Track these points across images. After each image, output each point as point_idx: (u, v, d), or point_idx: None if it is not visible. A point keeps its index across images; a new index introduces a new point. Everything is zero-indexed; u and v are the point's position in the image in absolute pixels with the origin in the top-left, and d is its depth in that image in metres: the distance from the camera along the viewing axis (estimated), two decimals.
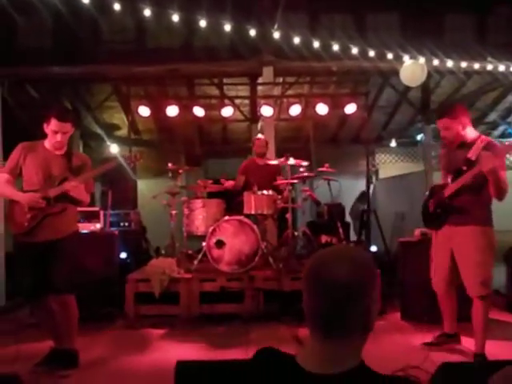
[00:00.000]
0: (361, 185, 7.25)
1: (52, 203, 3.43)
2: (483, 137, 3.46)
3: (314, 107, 6.43)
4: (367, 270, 1.19)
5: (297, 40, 5.50)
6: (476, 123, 10.14)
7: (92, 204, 5.64)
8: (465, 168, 3.34)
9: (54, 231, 3.47)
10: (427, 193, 3.76)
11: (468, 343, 3.67)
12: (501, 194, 3.24)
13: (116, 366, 3.68)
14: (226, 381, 1.71)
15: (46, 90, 7.78)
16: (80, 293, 3.67)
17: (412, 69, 5.83)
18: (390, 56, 5.87)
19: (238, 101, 8.11)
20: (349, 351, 1.17)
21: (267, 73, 6.42)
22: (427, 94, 8.71)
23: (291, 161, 5.21)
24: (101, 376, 3.49)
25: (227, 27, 5.27)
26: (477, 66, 6.18)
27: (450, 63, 6.11)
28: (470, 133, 3.48)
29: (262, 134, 6.46)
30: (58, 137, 3.46)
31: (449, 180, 3.49)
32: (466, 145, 3.45)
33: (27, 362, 3.50)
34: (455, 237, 3.43)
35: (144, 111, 6.47)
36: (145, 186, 7.66)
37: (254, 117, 8.09)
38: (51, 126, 3.44)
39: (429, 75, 6.57)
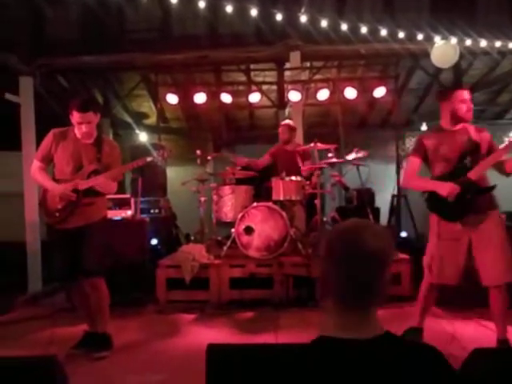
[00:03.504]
0: (391, 169, 7.12)
1: (81, 196, 3.51)
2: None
3: (342, 91, 6.35)
4: (389, 241, 1.22)
5: (324, 23, 5.41)
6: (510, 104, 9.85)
7: (123, 191, 5.73)
8: (473, 149, 3.28)
9: (84, 218, 3.56)
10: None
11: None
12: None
13: (148, 350, 3.76)
14: (256, 364, 1.74)
15: (76, 79, 7.90)
16: (112, 278, 3.76)
17: (443, 50, 5.66)
18: (420, 37, 5.71)
19: (265, 87, 8.06)
20: (372, 319, 1.21)
21: (294, 57, 6.34)
22: (459, 76, 8.46)
23: (318, 146, 5.17)
24: (133, 359, 3.57)
25: (253, 12, 5.22)
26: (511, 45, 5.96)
27: (483, 43, 5.90)
28: None
29: (290, 119, 6.42)
30: (83, 127, 3.51)
31: (446, 166, 3.36)
32: (457, 129, 3.40)
33: (62, 345, 3.62)
34: (479, 225, 3.26)
35: (172, 99, 6.51)
36: (174, 174, 7.72)
37: (282, 102, 8.04)
38: (74, 117, 3.49)
39: (461, 56, 6.39)
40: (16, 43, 6.10)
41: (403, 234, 5.77)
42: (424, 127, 10.03)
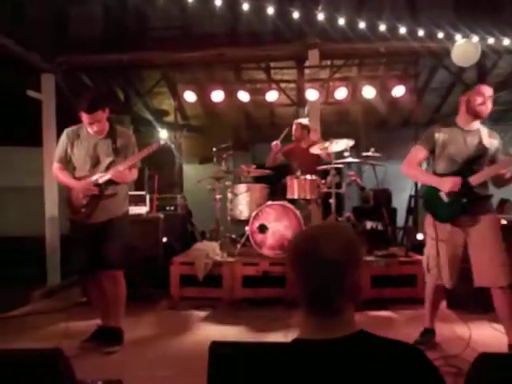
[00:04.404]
0: None
1: (103, 188, 3.59)
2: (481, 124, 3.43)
3: (361, 90, 6.28)
4: (353, 247, 1.23)
5: (342, 21, 5.36)
6: None
7: (139, 188, 5.79)
8: (481, 154, 3.28)
9: (108, 213, 3.63)
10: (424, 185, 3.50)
11: None
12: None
13: (158, 346, 3.81)
14: (260, 362, 1.74)
15: (98, 77, 8.01)
16: (126, 274, 3.80)
17: (464, 48, 5.54)
18: (440, 35, 5.60)
19: (285, 85, 8.04)
20: (342, 320, 1.22)
21: (313, 56, 6.29)
22: (483, 75, 8.29)
23: (334, 144, 5.13)
24: (143, 354, 3.61)
25: (270, 10, 5.21)
26: None
27: (506, 41, 5.77)
28: None
29: (308, 117, 6.38)
30: (95, 127, 3.55)
31: (450, 166, 3.33)
32: (471, 130, 3.37)
33: (76, 338, 3.69)
34: (476, 226, 3.25)
35: (190, 96, 6.53)
36: (191, 171, 7.78)
37: (301, 101, 8.00)
38: (84, 119, 3.53)
39: (484, 55, 6.25)
40: (39, 41, 6.21)
41: (420, 237, 5.66)
42: None
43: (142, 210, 5.37)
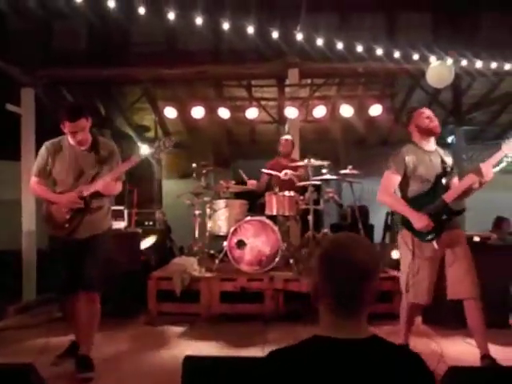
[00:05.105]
0: None
1: (88, 201, 3.46)
2: None
3: (340, 109, 6.40)
4: (376, 256, 1.37)
5: (320, 41, 5.49)
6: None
7: (119, 202, 5.76)
8: (447, 172, 3.43)
9: (92, 228, 3.52)
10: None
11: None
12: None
13: (134, 361, 3.78)
14: (233, 376, 1.77)
15: (79, 91, 8.01)
16: (105, 289, 3.72)
17: (439, 70, 5.72)
18: (415, 57, 5.78)
19: (265, 102, 8.14)
20: (361, 324, 1.33)
21: (293, 74, 6.42)
22: (459, 96, 8.53)
23: (312, 162, 5.21)
24: (118, 369, 3.58)
25: (250, 29, 5.30)
26: (508, 66, 6.01)
27: (479, 64, 5.96)
28: None
29: (289, 135, 6.47)
30: (78, 136, 3.44)
31: (422, 186, 3.44)
32: (431, 150, 3.52)
33: (52, 354, 3.64)
34: (450, 242, 3.37)
35: (171, 112, 6.58)
36: (171, 186, 7.78)
37: (282, 118, 8.11)
38: (67, 128, 3.43)
39: (459, 76, 6.44)
40: (20, 55, 6.21)
41: (395, 256, 5.71)
42: None
43: (121, 224, 5.35)
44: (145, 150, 3.77)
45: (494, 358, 3.24)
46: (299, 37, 5.49)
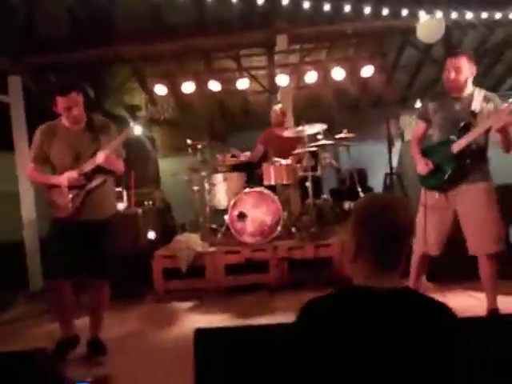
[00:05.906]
0: (383, 149, 7.08)
1: (90, 177, 3.39)
2: (478, 88, 3.34)
3: (331, 73, 6.31)
4: (411, 218, 1.47)
5: (306, 4, 5.37)
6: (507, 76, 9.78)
7: (116, 184, 5.72)
8: (470, 122, 3.22)
9: (98, 210, 3.45)
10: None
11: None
12: (511, 147, 3.23)
13: (146, 339, 3.83)
14: (244, 345, 1.79)
15: (66, 76, 7.88)
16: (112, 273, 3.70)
17: (429, 25, 5.61)
18: (404, 13, 5.66)
19: (256, 72, 8.02)
20: (396, 276, 1.45)
21: (281, 41, 6.30)
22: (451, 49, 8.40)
23: (307, 128, 5.17)
24: (130, 349, 3.62)
25: None
26: (499, 15, 5.90)
27: (469, 15, 5.85)
28: (470, 84, 3.34)
29: (281, 103, 6.40)
30: (74, 111, 3.34)
31: (440, 134, 3.37)
32: (462, 97, 3.32)
33: None
34: (465, 195, 3.28)
35: (160, 89, 6.48)
36: (167, 165, 7.74)
37: (273, 87, 8.01)
38: (61, 104, 3.31)
39: (450, 30, 6.32)
40: (4, 44, 6.08)
41: None
42: (418, 104, 9.96)
43: (120, 206, 5.35)
44: (137, 130, 3.68)
45: (499, 311, 3.28)
46: (285, 1, 5.37)
